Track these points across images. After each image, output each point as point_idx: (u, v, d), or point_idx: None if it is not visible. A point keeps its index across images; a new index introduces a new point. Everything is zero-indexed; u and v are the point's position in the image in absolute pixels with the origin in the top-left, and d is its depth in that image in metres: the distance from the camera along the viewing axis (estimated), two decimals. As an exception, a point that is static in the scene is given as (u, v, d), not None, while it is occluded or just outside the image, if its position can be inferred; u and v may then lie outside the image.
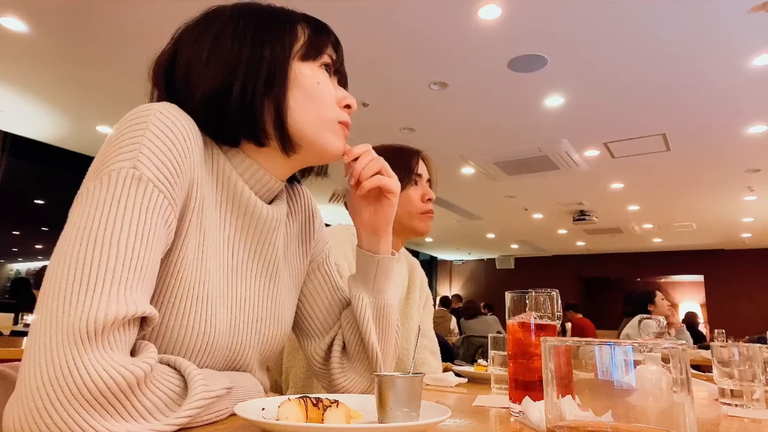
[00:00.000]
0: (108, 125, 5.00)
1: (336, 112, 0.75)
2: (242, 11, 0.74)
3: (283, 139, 0.71)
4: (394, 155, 1.39)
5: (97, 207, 0.53)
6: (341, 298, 0.91)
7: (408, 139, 4.96)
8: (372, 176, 0.79)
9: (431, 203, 1.39)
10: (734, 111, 4.25)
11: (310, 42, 0.74)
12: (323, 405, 0.55)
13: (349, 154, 0.78)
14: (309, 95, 0.72)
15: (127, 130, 0.58)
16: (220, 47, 0.70)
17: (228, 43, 0.70)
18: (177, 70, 0.71)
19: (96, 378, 0.46)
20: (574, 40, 3.29)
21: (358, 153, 0.78)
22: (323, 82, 0.74)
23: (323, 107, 0.73)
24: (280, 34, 0.72)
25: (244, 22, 0.72)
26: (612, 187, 6.60)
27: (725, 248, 10.60)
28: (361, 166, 0.78)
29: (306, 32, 0.74)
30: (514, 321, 0.78)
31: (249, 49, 0.70)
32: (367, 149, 0.80)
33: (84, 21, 3.23)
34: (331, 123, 0.74)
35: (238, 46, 0.70)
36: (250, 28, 0.72)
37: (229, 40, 0.70)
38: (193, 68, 0.70)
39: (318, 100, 0.73)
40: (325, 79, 0.75)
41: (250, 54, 0.70)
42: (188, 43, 0.72)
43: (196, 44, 0.71)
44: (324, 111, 0.73)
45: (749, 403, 0.88)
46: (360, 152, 0.79)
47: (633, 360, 0.39)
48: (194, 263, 0.64)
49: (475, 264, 13.48)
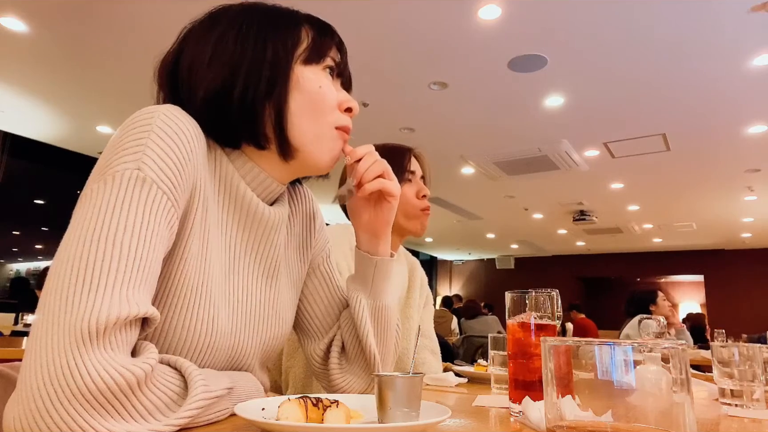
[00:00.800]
0: (108, 125, 5.00)
1: (335, 116, 0.74)
2: (247, 11, 0.74)
3: (282, 144, 0.71)
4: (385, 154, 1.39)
5: (100, 208, 0.53)
6: (341, 298, 0.91)
7: (408, 139, 4.96)
8: (374, 179, 0.78)
9: (426, 200, 1.38)
10: (734, 111, 4.25)
11: (314, 45, 0.73)
12: (323, 405, 0.55)
13: (353, 155, 0.77)
14: (310, 99, 0.72)
15: (131, 132, 0.58)
16: (222, 48, 0.69)
17: (230, 44, 0.70)
18: (180, 70, 0.71)
19: (96, 378, 0.46)
20: (574, 40, 3.30)
21: (362, 154, 0.78)
22: (325, 86, 0.73)
23: (324, 112, 0.73)
24: (283, 36, 0.72)
25: (248, 23, 0.72)
26: (612, 187, 6.60)
27: (725, 248, 10.60)
28: (364, 168, 0.78)
29: (310, 35, 0.74)
30: (514, 321, 0.78)
31: (251, 51, 0.69)
32: (369, 150, 0.79)
33: (84, 21, 3.23)
34: (329, 130, 0.74)
35: (240, 48, 0.69)
36: (253, 29, 0.71)
37: (231, 40, 0.70)
38: (195, 68, 0.70)
39: (319, 105, 0.72)
40: (327, 83, 0.74)
41: (252, 56, 0.69)
42: (192, 43, 0.72)
43: (199, 44, 0.71)
44: (324, 115, 0.73)
45: (749, 403, 0.88)
46: (363, 153, 0.78)
47: (633, 360, 0.39)
48: (197, 264, 0.64)
49: (475, 264, 13.48)
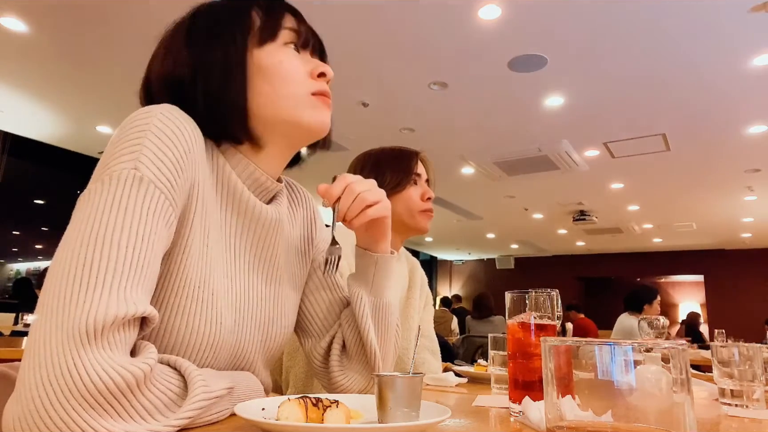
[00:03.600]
0: (108, 125, 5.00)
1: (308, 85, 0.73)
2: (193, 15, 0.74)
3: (248, 135, 0.72)
4: (393, 157, 1.41)
5: (98, 208, 0.53)
6: (341, 298, 0.91)
7: (408, 139, 4.96)
8: (359, 213, 0.76)
9: (431, 202, 1.41)
10: (734, 111, 4.25)
11: (264, 25, 0.73)
12: (323, 405, 0.55)
13: (329, 196, 0.75)
14: (275, 78, 0.71)
15: (128, 132, 0.59)
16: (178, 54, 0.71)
17: (182, 49, 0.71)
18: (151, 88, 0.73)
19: (95, 378, 0.46)
20: (574, 40, 3.29)
21: (338, 193, 0.75)
22: (286, 60, 0.72)
23: (292, 85, 0.72)
24: (230, 29, 0.72)
25: (195, 27, 0.73)
26: (612, 187, 6.60)
27: (725, 248, 10.60)
28: (345, 207, 0.75)
29: (260, 15, 0.73)
30: (514, 321, 0.78)
31: (201, 53, 0.70)
32: (346, 184, 0.76)
33: (84, 21, 3.23)
34: (305, 98, 0.73)
35: (190, 51, 0.71)
36: (201, 30, 0.72)
37: (182, 46, 0.71)
38: (159, 80, 0.71)
39: (285, 79, 0.71)
40: (288, 57, 0.73)
41: (203, 58, 0.70)
42: (156, 58, 0.74)
43: (161, 57, 0.73)
44: (294, 88, 0.72)
45: (749, 403, 0.88)
46: (339, 192, 0.75)
47: (633, 360, 0.38)
48: (198, 263, 0.64)
49: (475, 264, 13.47)
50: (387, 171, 1.37)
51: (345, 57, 3.51)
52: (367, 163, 1.40)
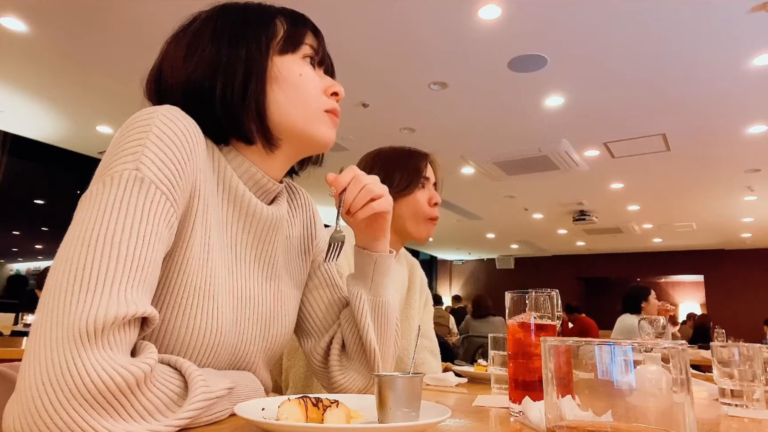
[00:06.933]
0: (108, 125, 5.00)
1: (322, 101, 0.75)
2: (219, 13, 0.75)
3: (265, 136, 0.73)
4: (402, 157, 1.38)
5: (99, 209, 0.53)
6: (341, 298, 0.91)
7: (408, 139, 4.96)
8: (364, 206, 0.78)
9: (437, 208, 1.38)
10: (734, 111, 4.25)
11: (289, 34, 0.74)
12: (323, 405, 0.55)
13: (337, 185, 0.77)
14: (292, 89, 0.73)
15: (130, 133, 0.59)
16: (200, 50, 0.71)
17: (207, 45, 0.71)
18: (163, 79, 0.73)
19: (95, 378, 0.46)
20: (574, 40, 3.29)
21: (345, 183, 0.76)
22: (305, 73, 0.75)
23: (308, 99, 0.74)
24: (256, 31, 0.73)
25: (221, 23, 0.73)
26: (612, 187, 6.60)
27: (725, 248, 10.60)
28: (352, 197, 0.77)
29: (284, 25, 0.75)
30: (514, 321, 0.78)
31: (226, 50, 0.71)
32: (354, 176, 0.77)
33: (84, 21, 3.23)
34: (317, 113, 0.75)
35: (216, 48, 0.71)
36: (227, 28, 0.73)
37: (207, 42, 0.71)
38: (174, 71, 0.71)
39: (302, 92, 0.73)
40: (307, 71, 0.75)
41: (227, 55, 0.71)
42: (170, 52, 0.74)
43: (177, 49, 0.72)
44: (309, 102, 0.74)
45: (749, 403, 0.88)
46: (346, 181, 0.77)
47: (633, 360, 0.39)
48: (200, 263, 0.64)
49: (475, 264, 13.48)
50: (396, 171, 1.34)
51: (345, 57, 3.51)
52: (377, 162, 1.37)
